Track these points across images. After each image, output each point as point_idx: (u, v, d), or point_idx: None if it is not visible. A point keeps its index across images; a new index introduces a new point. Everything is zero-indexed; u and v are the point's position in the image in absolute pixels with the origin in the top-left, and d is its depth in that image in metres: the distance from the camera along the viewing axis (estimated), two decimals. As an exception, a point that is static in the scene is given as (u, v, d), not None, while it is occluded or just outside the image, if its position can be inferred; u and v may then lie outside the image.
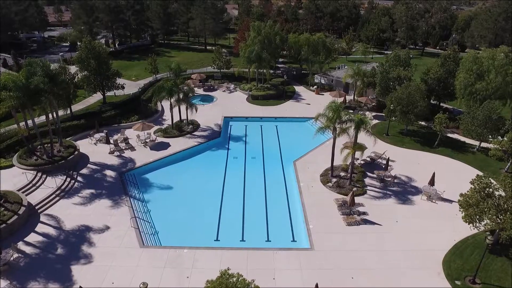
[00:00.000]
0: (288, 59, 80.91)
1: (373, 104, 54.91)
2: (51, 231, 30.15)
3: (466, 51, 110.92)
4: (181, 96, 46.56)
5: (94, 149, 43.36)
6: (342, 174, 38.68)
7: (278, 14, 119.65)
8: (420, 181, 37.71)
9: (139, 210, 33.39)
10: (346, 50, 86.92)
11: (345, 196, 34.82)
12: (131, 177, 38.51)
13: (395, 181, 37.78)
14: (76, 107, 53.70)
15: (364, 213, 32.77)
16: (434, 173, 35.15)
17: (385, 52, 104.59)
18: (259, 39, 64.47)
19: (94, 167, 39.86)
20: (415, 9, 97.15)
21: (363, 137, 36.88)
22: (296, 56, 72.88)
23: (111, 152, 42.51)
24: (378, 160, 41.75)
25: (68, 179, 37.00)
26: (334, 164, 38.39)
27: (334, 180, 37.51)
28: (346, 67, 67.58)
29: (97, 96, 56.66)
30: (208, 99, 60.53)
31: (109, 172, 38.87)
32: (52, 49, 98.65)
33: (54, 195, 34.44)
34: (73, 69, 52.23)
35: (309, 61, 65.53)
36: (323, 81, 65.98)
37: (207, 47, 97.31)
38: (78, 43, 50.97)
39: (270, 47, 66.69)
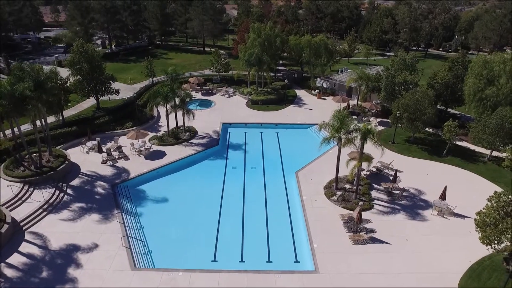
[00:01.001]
0: (288, 61, 78.72)
1: (377, 110, 52.75)
2: (36, 251, 28.01)
3: (470, 52, 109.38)
4: (177, 102, 44.45)
5: (86, 158, 41.23)
6: (347, 186, 36.57)
7: (278, 14, 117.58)
8: (430, 194, 35.65)
9: (131, 227, 31.24)
10: (348, 52, 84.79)
11: (351, 211, 32.76)
12: (123, 189, 36.37)
13: (404, 194, 35.70)
14: (69, 112, 51.48)
15: (371, 231, 30.67)
16: (445, 187, 33.03)
17: (387, 53, 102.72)
18: (259, 41, 62.39)
19: (85, 178, 37.72)
20: (419, 9, 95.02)
21: (369, 146, 34.70)
22: (297, 58, 70.80)
23: (104, 162, 40.38)
24: (385, 170, 39.66)
25: (57, 192, 34.85)
26: (338, 175, 36.30)
27: (339, 193, 35.41)
28: (349, 70, 65.51)
29: (91, 101, 54.41)
30: (206, 104, 58.42)
31: (100, 184, 36.74)
32: (47, 50, 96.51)
33: (41, 210, 32.29)
34: (66, 72, 49.77)
35: (310, 64, 63.43)
36: (325, 85, 63.87)
37: (206, 49, 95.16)
38: (74, 44, 48.38)
39: (271, 49, 64.66)
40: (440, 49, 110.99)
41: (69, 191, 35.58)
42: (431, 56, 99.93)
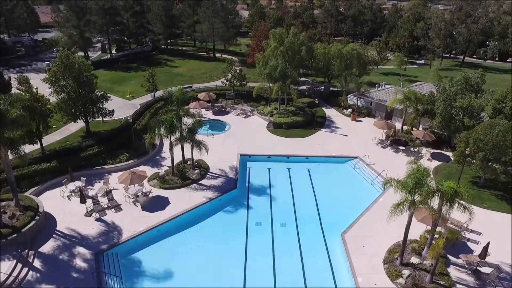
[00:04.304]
0: (310, 70, 68.59)
1: (431, 139, 42.66)
2: None
3: (508, 60, 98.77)
4: (184, 131, 34.92)
5: (66, 207, 31.74)
6: (416, 260, 26.72)
7: (294, 17, 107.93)
8: (532, 274, 25.78)
9: (118, 331, 21.73)
10: (377, 61, 74.71)
11: (431, 307, 23.03)
12: (111, 259, 26.79)
13: (498, 275, 25.79)
14: (52, 137, 42.27)
15: None
16: None
17: (417, 61, 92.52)
18: (282, 51, 52.70)
19: (60, 240, 28.19)
20: (456, 13, 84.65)
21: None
22: (324, 69, 60.94)
23: (88, 214, 30.90)
24: (461, 233, 29.74)
25: (19, 266, 25.44)
26: (398, 240, 26.68)
27: (406, 272, 25.56)
28: (387, 86, 55.53)
29: (80, 122, 44.96)
30: (219, 127, 48.70)
31: (81, 250, 27.21)
32: (42, 54, 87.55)
33: (-9, 300, 22.94)
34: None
35: (342, 77, 53.51)
36: (359, 103, 53.82)
37: (216, 55, 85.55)
38: (58, 55, 39.00)
39: (294, 60, 54.97)
40: (474, 56, 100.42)
41: (36, 263, 26.07)
42: (466, 65, 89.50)
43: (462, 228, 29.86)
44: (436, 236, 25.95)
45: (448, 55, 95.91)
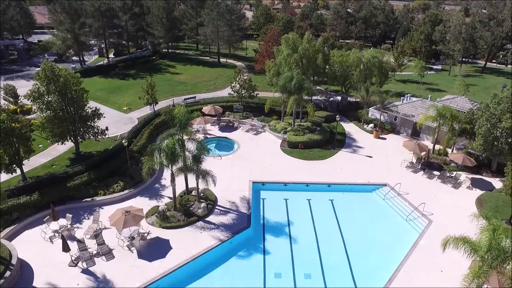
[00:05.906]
0: (325, 78, 63.11)
1: (472, 165, 37.16)
2: None
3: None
4: (188, 161, 29.61)
5: (46, 254, 26.43)
6: (480, 333, 21.37)
7: (302, 18, 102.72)
8: None
9: None
10: (394, 67, 69.24)
11: None
12: (98, 329, 21.59)
13: None
14: (37, 160, 37.10)
15: None
16: None
17: (434, 67, 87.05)
18: (295, 59, 47.36)
19: (37, 301, 22.98)
20: (477, 15, 79.15)
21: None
22: (341, 79, 55.51)
23: (73, 264, 25.60)
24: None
25: None
26: None
27: None
28: (413, 98, 50.00)
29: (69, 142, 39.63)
30: (226, 146, 43.33)
31: (61, 316, 22.00)
32: (36, 58, 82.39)
33: None
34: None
35: (363, 88, 48.04)
36: (382, 118, 48.28)
37: (220, 59, 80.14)
38: (41, 67, 33.54)
39: (309, 69, 49.62)
40: (494, 61, 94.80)
41: (4, 336, 20.87)
42: (487, 71, 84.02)
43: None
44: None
45: (466, 60, 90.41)
